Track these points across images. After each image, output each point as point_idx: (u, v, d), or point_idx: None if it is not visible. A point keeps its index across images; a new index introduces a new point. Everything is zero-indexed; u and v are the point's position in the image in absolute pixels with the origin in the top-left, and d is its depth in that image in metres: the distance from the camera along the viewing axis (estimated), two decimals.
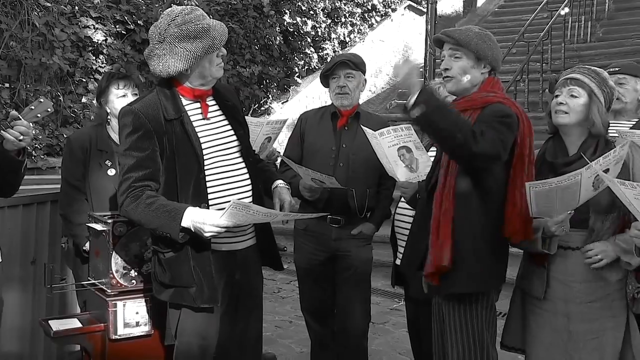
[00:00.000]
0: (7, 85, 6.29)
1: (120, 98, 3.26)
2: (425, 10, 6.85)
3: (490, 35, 2.62)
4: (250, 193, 2.60)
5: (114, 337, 2.71)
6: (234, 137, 2.62)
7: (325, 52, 9.69)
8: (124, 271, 2.76)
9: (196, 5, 7.33)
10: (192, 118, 2.54)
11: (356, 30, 10.29)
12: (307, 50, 9.44)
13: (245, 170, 2.61)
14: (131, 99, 3.16)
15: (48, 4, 6.64)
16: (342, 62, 3.46)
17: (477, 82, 2.58)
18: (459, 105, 2.57)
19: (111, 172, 3.26)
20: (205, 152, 2.52)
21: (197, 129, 2.53)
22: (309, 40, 9.45)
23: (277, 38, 8.96)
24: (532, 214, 2.42)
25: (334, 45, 9.87)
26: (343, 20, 10.07)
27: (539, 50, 8.48)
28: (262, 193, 2.68)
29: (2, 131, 2.43)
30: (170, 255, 2.49)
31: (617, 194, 2.15)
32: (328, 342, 3.62)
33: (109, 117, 3.33)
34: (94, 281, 2.88)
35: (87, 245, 3.13)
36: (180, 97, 2.55)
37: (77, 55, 6.78)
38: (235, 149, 2.62)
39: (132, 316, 2.74)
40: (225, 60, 2.99)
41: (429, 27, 6.54)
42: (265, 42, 8.91)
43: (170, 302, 2.56)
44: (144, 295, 2.77)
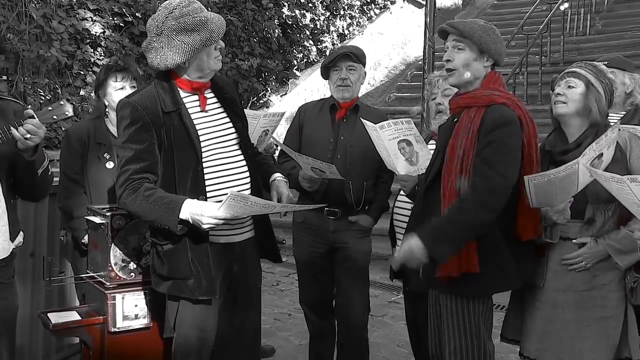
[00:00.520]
0: (4, 77, 6.26)
1: (119, 91, 3.25)
2: (424, 2, 6.80)
3: (495, 29, 2.62)
4: (248, 186, 2.59)
5: (112, 329, 2.71)
6: (233, 130, 2.61)
7: (324, 44, 9.65)
8: (123, 264, 2.76)
9: None
10: (190, 110, 2.54)
11: (355, 23, 10.25)
12: (305, 43, 9.40)
13: (243, 163, 2.61)
14: (129, 91, 3.15)
15: None
16: (345, 55, 3.46)
17: (479, 76, 2.57)
18: (462, 101, 2.57)
19: (109, 164, 3.25)
20: (203, 144, 2.51)
21: (195, 122, 2.53)
22: (307, 33, 9.41)
23: (276, 31, 8.92)
24: (532, 205, 2.44)
25: (333, 38, 9.84)
26: (342, 12, 10.02)
27: (538, 43, 8.47)
28: (261, 186, 2.68)
29: (12, 129, 2.40)
30: (168, 248, 2.49)
31: (612, 192, 2.17)
32: (326, 335, 3.63)
33: (107, 109, 3.33)
34: (92, 274, 2.89)
35: (86, 238, 3.13)
36: (178, 89, 2.54)
37: (75, 47, 6.75)
38: (234, 142, 2.61)
39: (131, 309, 2.74)
40: (224, 52, 2.98)
41: (428, 19, 6.48)
42: (264, 35, 8.87)
43: (169, 295, 2.56)
44: (142, 287, 2.77)
